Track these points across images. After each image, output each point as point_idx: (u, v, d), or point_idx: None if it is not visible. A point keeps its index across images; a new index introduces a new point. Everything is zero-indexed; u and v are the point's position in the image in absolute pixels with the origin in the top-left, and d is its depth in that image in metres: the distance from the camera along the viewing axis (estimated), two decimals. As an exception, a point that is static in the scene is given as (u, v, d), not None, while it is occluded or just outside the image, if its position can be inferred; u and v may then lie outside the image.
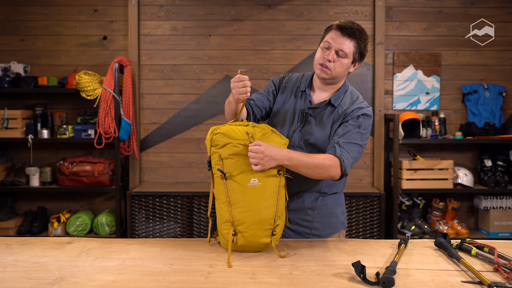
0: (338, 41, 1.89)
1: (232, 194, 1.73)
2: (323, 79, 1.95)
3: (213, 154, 1.78)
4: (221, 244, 1.80)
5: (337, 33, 1.89)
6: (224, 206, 1.74)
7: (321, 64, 1.92)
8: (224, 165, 1.74)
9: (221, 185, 1.74)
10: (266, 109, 2.06)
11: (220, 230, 1.77)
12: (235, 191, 1.72)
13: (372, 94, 4.22)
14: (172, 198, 3.92)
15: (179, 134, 4.28)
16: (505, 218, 4.08)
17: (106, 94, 3.97)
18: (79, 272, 1.54)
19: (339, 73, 1.93)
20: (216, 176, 1.76)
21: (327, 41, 1.91)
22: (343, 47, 1.88)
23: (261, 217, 1.72)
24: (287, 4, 4.22)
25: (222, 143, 1.74)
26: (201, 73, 4.25)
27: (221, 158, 1.74)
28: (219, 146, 1.75)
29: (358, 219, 3.90)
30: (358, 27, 1.91)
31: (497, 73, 4.26)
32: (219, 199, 1.77)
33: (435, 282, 1.46)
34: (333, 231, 2.04)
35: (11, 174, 4.12)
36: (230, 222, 1.72)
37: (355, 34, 1.89)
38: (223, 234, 1.75)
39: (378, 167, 4.21)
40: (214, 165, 1.77)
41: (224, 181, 1.73)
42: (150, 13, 4.24)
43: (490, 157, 4.13)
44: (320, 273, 1.53)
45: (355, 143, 1.88)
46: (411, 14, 4.24)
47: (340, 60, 1.90)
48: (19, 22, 4.28)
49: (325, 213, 2.01)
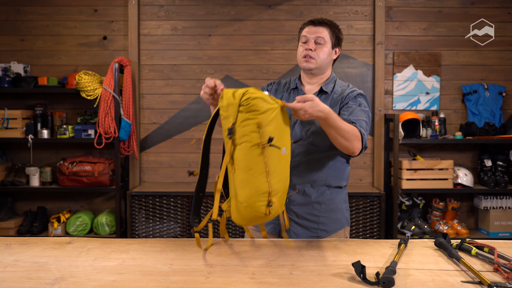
0: (313, 31, 2.04)
1: (271, 164, 1.62)
2: (310, 70, 2.04)
3: (246, 121, 1.61)
4: (237, 220, 1.70)
5: (310, 26, 2.06)
6: (262, 177, 1.62)
7: (304, 56, 2.03)
8: (263, 133, 1.61)
9: (257, 154, 1.61)
10: None
11: (252, 203, 1.64)
12: (273, 160, 1.63)
13: (372, 94, 4.23)
14: (172, 198, 3.92)
15: (179, 134, 4.28)
16: (505, 218, 4.08)
17: (106, 94, 3.97)
18: (79, 272, 1.54)
19: (323, 60, 2.04)
20: (251, 145, 1.61)
21: (304, 35, 2.06)
22: (319, 34, 2.03)
23: (287, 186, 1.72)
24: (287, 4, 4.22)
25: (264, 109, 1.61)
26: (201, 73, 4.25)
27: (261, 125, 1.61)
28: (259, 112, 1.60)
29: (358, 219, 3.90)
30: (327, 19, 2.10)
31: (497, 73, 4.26)
32: (254, 169, 1.62)
33: (435, 282, 1.46)
34: (339, 226, 2.07)
35: (11, 174, 4.12)
36: (268, 193, 1.63)
37: (326, 22, 2.06)
38: (256, 207, 1.64)
39: (378, 167, 4.21)
40: (248, 133, 1.61)
41: (263, 149, 1.61)
42: (150, 13, 4.24)
43: (490, 157, 4.13)
44: (320, 273, 1.53)
45: (363, 120, 1.94)
46: (411, 14, 4.24)
47: (320, 47, 2.03)
48: (19, 22, 4.28)
49: (332, 208, 2.05)
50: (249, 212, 1.65)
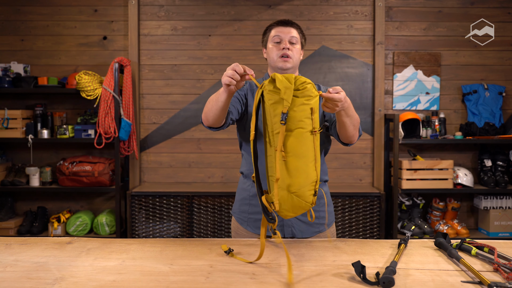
0: (286, 31, 2.05)
1: (317, 151, 1.59)
2: (287, 69, 2.04)
3: (302, 106, 1.55)
4: (282, 212, 1.61)
5: (281, 27, 2.07)
6: (312, 165, 1.58)
7: (281, 56, 2.02)
8: (315, 119, 1.57)
9: (310, 141, 1.57)
10: (239, 111, 2.02)
11: (303, 192, 1.58)
12: (318, 147, 1.60)
13: (372, 94, 4.23)
14: (172, 198, 3.92)
15: (179, 134, 4.28)
16: (505, 218, 4.08)
17: (106, 94, 3.97)
18: (79, 272, 1.54)
19: (297, 59, 2.06)
20: (305, 131, 1.56)
21: (276, 35, 2.05)
22: (293, 34, 2.05)
23: None
24: (287, 4, 4.22)
25: (315, 95, 1.57)
26: (201, 73, 4.26)
27: (314, 111, 1.56)
28: (312, 98, 1.56)
29: (358, 219, 3.90)
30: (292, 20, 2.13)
31: (497, 73, 4.26)
32: (307, 156, 1.57)
33: (435, 282, 1.46)
34: (333, 218, 2.17)
35: (11, 174, 4.12)
36: (315, 181, 1.59)
37: (293, 23, 2.08)
38: (306, 197, 1.58)
39: (378, 167, 4.21)
40: (303, 119, 1.56)
41: (314, 136, 1.57)
42: (150, 13, 4.24)
43: (490, 157, 4.13)
44: (320, 273, 1.53)
45: None
46: (411, 14, 4.24)
47: (294, 46, 2.05)
48: (19, 22, 4.28)
49: (327, 202, 2.12)
50: (298, 201, 1.58)
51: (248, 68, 1.64)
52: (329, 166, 4.18)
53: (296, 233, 2.04)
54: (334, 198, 3.84)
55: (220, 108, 1.76)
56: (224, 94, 1.70)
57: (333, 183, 4.21)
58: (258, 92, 1.59)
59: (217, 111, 1.79)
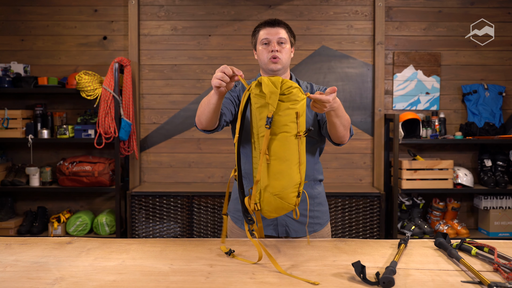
0: (274, 32, 2.03)
1: (302, 154, 1.63)
2: (277, 71, 2.03)
3: (287, 110, 1.58)
4: (263, 212, 1.66)
5: (268, 28, 2.04)
6: (296, 168, 1.62)
7: (271, 58, 2.01)
8: (300, 123, 1.60)
9: (294, 144, 1.60)
10: (232, 112, 2.03)
11: (286, 194, 1.62)
12: (303, 150, 1.64)
13: (372, 94, 4.23)
14: (172, 198, 3.92)
15: (179, 134, 4.28)
16: (505, 218, 4.08)
17: (106, 94, 3.97)
18: (79, 272, 1.54)
19: (286, 59, 2.05)
20: (290, 135, 1.59)
21: (264, 37, 2.03)
22: (281, 35, 2.03)
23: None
24: (287, 4, 4.22)
25: (301, 99, 1.59)
26: (201, 73, 4.26)
27: (299, 115, 1.59)
28: (298, 102, 1.59)
29: (358, 219, 3.90)
30: (280, 19, 2.11)
31: (497, 73, 4.26)
32: (290, 160, 1.61)
33: (435, 282, 1.46)
34: (327, 218, 2.16)
35: (11, 174, 4.12)
36: (299, 183, 1.64)
37: (280, 22, 2.06)
38: (289, 198, 1.63)
39: (378, 167, 4.21)
40: (288, 123, 1.59)
41: (299, 139, 1.60)
42: (150, 13, 4.24)
43: (490, 157, 4.13)
44: (320, 273, 1.52)
45: None
46: (411, 14, 4.24)
47: (284, 47, 2.03)
48: (19, 22, 4.28)
49: (321, 202, 2.13)
50: (281, 203, 1.63)
51: (236, 69, 1.69)
52: (329, 166, 4.18)
53: (290, 232, 2.05)
54: (334, 198, 3.84)
55: (212, 110, 1.79)
56: (215, 96, 1.74)
57: (333, 183, 4.21)
58: (245, 94, 1.63)
59: (209, 114, 1.81)
